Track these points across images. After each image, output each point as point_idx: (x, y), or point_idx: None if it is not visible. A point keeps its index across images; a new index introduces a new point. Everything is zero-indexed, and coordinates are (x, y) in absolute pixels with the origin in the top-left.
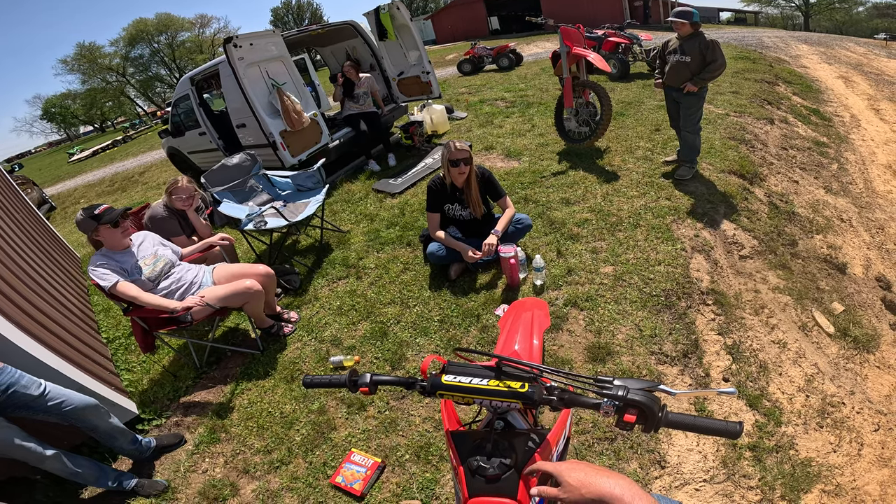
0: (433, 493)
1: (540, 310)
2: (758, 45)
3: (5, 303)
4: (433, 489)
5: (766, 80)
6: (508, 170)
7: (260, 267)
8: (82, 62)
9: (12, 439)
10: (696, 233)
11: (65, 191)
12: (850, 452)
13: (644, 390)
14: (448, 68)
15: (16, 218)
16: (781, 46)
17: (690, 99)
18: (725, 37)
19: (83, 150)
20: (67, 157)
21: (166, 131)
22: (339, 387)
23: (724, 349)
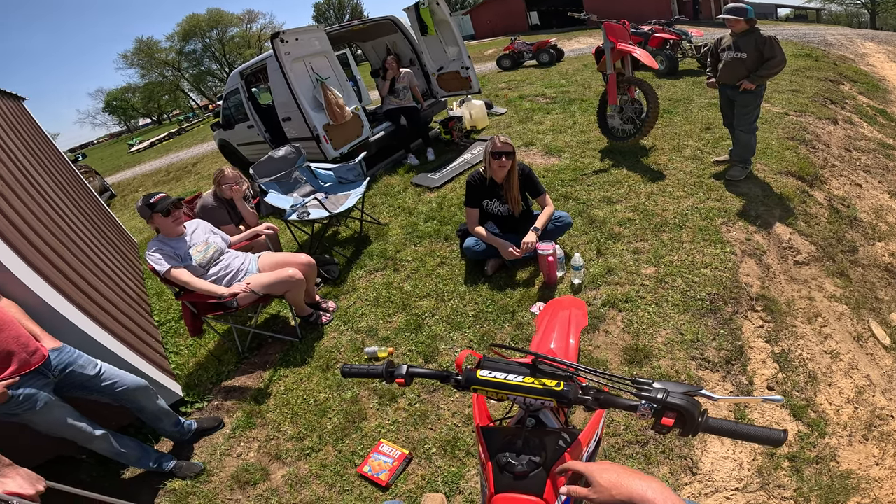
0: (457, 488)
1: (578, 309)
2: (820, 43)
3: (68, 285)
4: (457, 483)
5: (829, 79)
6: (548, 167)
7: (302, 256)
8: (141, 57)
9: (65, 418)
10: (747, 236)
11: (124, 180)
12: (893, 466)
13: (685, 394)
14: (487, 64)
15: (79, 204)
16: (846, 44)
17: (747, 97)
18: (784, 33)
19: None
20: (127, 148)
21: (218, 124)
22: (376, 377)
23: (772, 357)
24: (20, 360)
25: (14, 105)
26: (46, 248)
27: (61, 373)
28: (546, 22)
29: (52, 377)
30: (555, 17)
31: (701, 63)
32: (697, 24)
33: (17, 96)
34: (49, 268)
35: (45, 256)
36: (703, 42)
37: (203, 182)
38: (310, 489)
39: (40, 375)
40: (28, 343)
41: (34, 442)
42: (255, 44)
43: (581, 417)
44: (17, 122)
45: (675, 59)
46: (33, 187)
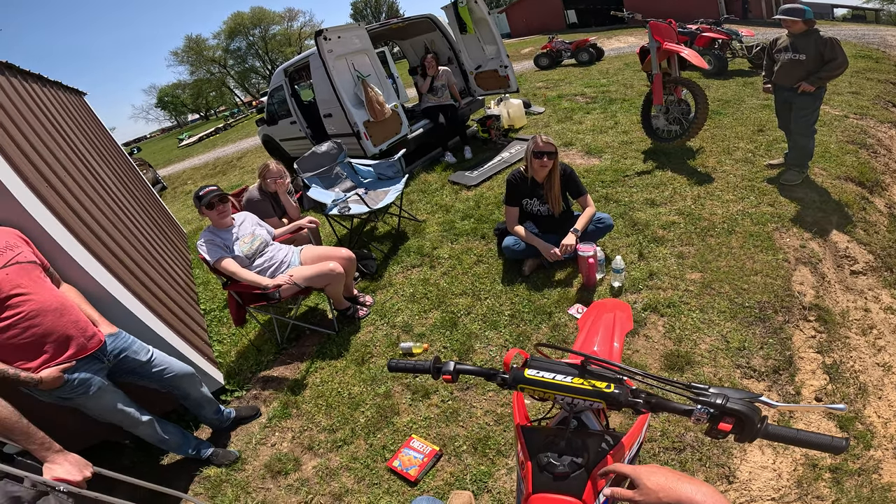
0: (485, 486)
1: (622, 312)
2: (881, 44)
3: (124, 272)
4: (486, 482)
5: (891, 81)
6: (588, 167)
7: (343, 250)
8: (190, 54)
9: (116, 403)
10: (802, 243)
11: (174, 173)
12: None
13: (744, 400)
14: (524, 62)
15: (135, 195)
16: None
17: (805, 99)
18: (843, 34)
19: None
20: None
21: (262, 119)
22: (423, 373)
23: (822, 368)
24: (78, 345)
25: (76, 100)
26: (106, 237)
27: (115, 358)
28: (584, 20)
29: (106, 362)
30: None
31: (752, 63)
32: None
33: (78, 91)
34: (108, 255)
35: (104, 244)
36: (754, 42)
37: (247, 176)
38: (339, 481)
39: (96, 360)
40: (86, 328)
41: (83, 427)
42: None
43: (616, 421)
44: (79, 116)
45: (725, 59)
46: (94, 178)
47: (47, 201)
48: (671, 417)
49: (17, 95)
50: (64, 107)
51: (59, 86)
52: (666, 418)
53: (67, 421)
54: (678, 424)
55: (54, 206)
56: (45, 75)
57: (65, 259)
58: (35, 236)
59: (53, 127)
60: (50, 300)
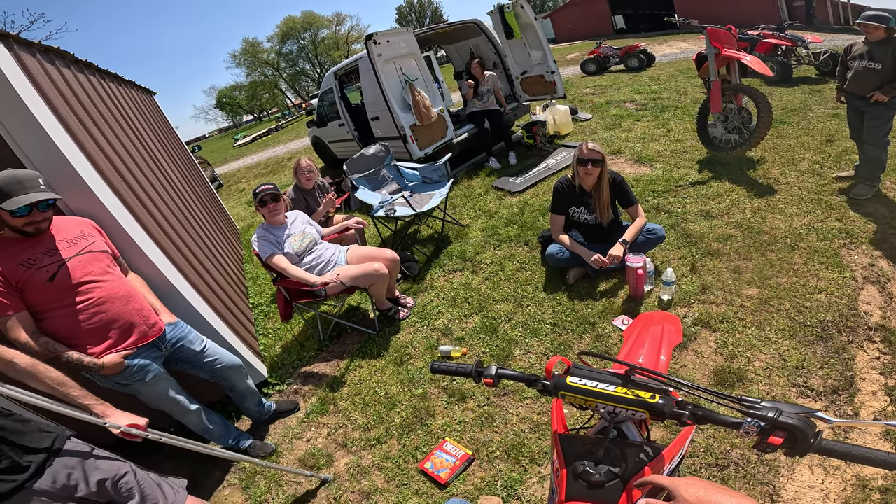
0: (515, 493)
1: (671, 324)
2: None
3: (185, 264)
4: (516, 489)
5: None
6: (638, 176)
7: (388, 252)
8: (246, 56)
9: (168, 391)
10: (871, 261)
11: (230, 171)
12: None
13: (798, 415)
14: (570, 68)
15: (197, 191)
16: None
17: (878, 109)
18: None
19: (245, 136)
20: (233, 142)
21: (313, 121)
22: (465, 376)
23: (884, 390)
24: (140, 332)
25: (147, 99)
26: (171, 230)
27: (173, 346)
28: (633, 26)
29: (164, 350)
30: (642, 20)
31: (820, 71)
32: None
33: (150, 91)
34: (171, 248)
35: (168, 237)
36: (821, 49)
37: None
38: (370, 479)
39: (154, 348)
40: (149, 316)
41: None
42: (343, 45)
43: (658, 435)
44: (150, 115)
45: (789, 66)
46: (162, 174)
47: (120, 194)
48: (717, 433)
49: (96, 93)
50: (137, 105)
51: (132, 85)
52: (711, 434)
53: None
54: (723, 441)
55: (126, 199)
56: (120, 75)
57: (133, 250)
58: (108, 227)
59: (127, 124)
60: (118, 288)
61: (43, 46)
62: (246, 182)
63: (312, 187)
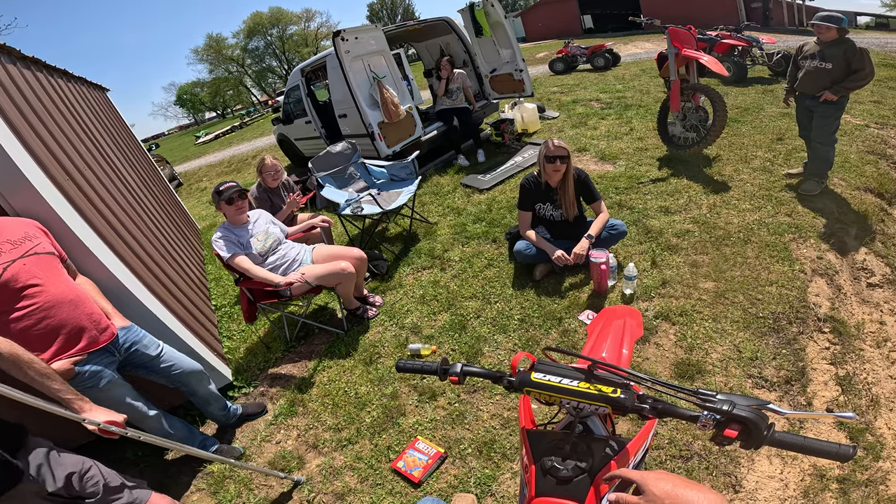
0: (489, 490)
1: (633, 318)
2: None
3: (140, 266)
4: (490, 486)
5: None
6: (602, 173)
7: (355, 250)
8: (210, 52)
9: (124, 397)
10: (819, 254)
11: (190, 169)
12: None
13: (751, 407)
14: (539, 67)
15: (153, 190)
16: None
17: (828, 108)
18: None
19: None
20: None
21: (278, 119)
22: (431, 374)
23: (834, 379)
24: (90, 337)
25: (99, 96)
26: (123, 230)
27: (126, 351)
28: (601, 25)
29: (117, 355)
30: (610, 20)
31: (773, 71)
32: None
33: (102, 87)
34: (124, 248)
35: (121, 237)
36: (775, 49)
37: None
38: (342, 480)
39: (107, 353)
40: (100, 320)
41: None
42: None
43: (624, 428)
44: (102, 112)
45: (745, 67)
46: (114, 172)
47: (67, 194)
48: (679, 426)
49: (42, 89)
50: (87, 102)
51: (83, 81)
52: (674, 426)
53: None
54: (686, 433)
55: (74, 198)
56: (70, 71)
57: (82, 251)
58: (54, 228)
59: (76, 121)
60: (65, 292)
61: None
62: (208, 181)
63: (277, 186)
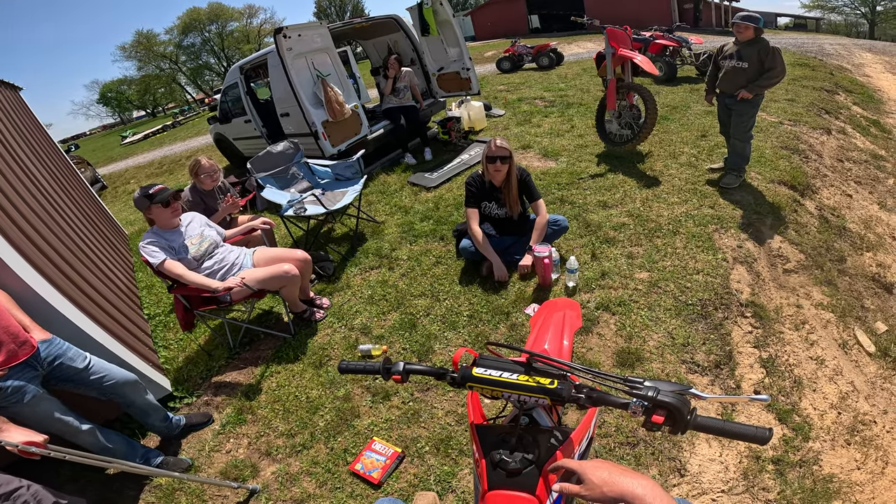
0: (450, 487)
1: (572, 310)
2: (818, 52)
3: (59, 276)
4: (450, 482)
5: (825, 89)
6: (545, 170)
7: (298, 252)
8: (139, 49)
9: (52, 412)
10: (739, 243)
11: (116, 171)
12: (874, 470)
13: (674, 392)
14: (486, 65)
15: (72, 195)
16: (844, 54)
17: (744, 106)
18: (783, 42)
19: (135, 133)
20: (120, 140)
21: (214, 118)
22: (373, 373)
23: (759, 362)
24: (8, 351)
25: (10, 94)
26: (39, 238)
27: (50, 365)
28: (547, 25)
29: (40, 369)
30: (556, 20)
31: (700, 70)
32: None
33: (13, 86)
34: (41, 258)
35: (37, 246)
36: (702, 49)
37: None
38: (300, 486)
39: (29, 367)
40: (17, 334)
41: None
42: (255, 39)
43: (573, 418)
44: (13, 112)
45: (675, 66)
46: (27, 177)
47: None
48: (624, 414)
49: None
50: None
51: None
52: (620, 414)
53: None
54: (632, 420)
55: None
56: None
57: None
58: None
59: None
60: None
61: None
62: (136, 182)
63: (213, 188)
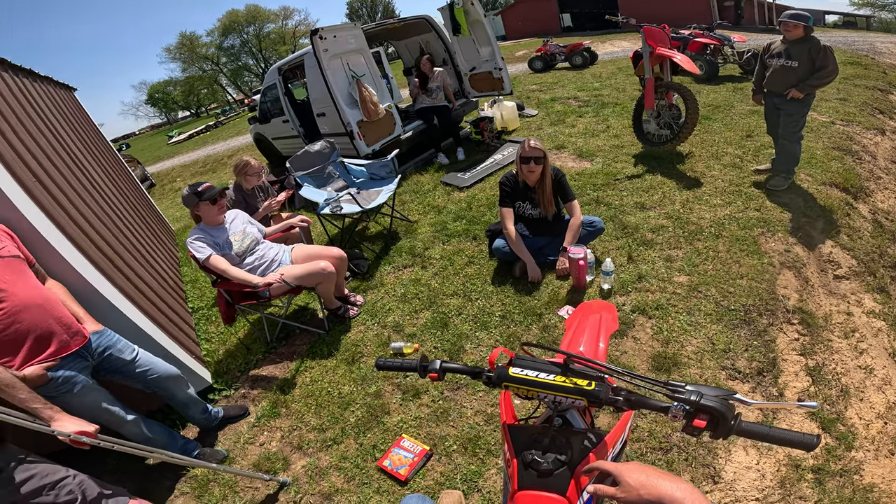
0: (475, 486)
1: (608, 313)
2: (870, 51)
3: (112, 269)
4: (476, 482)
5: (878, 88)
6: (580, 170)
7: (335, 250)
8: (183, 51)
9: (101, 403)
10: (787, 248)
11: (163, 170)
12: None
13: (718, 397)
14: (518, 65)
15: (124, 192)
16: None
17: (794, 105)
18: (833, 40)
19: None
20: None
21: (255, 118)
22: (410, 371)
23: (805, 370)
24: (60, 342)
25: (66, 95)
26: (93, 233)
27: (100, 356)
28: (579, 24)
29: (91, 360)
30: (588, 19)
31: (743, 69)
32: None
33: (68, 87)
34: (95, 251)
35: (91, 240)
36: (745, 48)
37: None
38: (329, 480)
39: (80, 358)
40: (70, 324)
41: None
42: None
43: (605, 421)
44: (69, 112)
45: (716, 65)
46: (83, 173)
47: (35, 197)
48: (658, 419)
49: (8, 90)
50: (54, 102)
51: (49, 81)
52: (653, 419)
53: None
54: (665, 425)
55: (42, 201)
56: (35, 70)
57: (52, 255)
58: (22, 231)
59: (43, 122)
60: (33, 296)
61: None
62: (182, 181)
63: (253, 188)
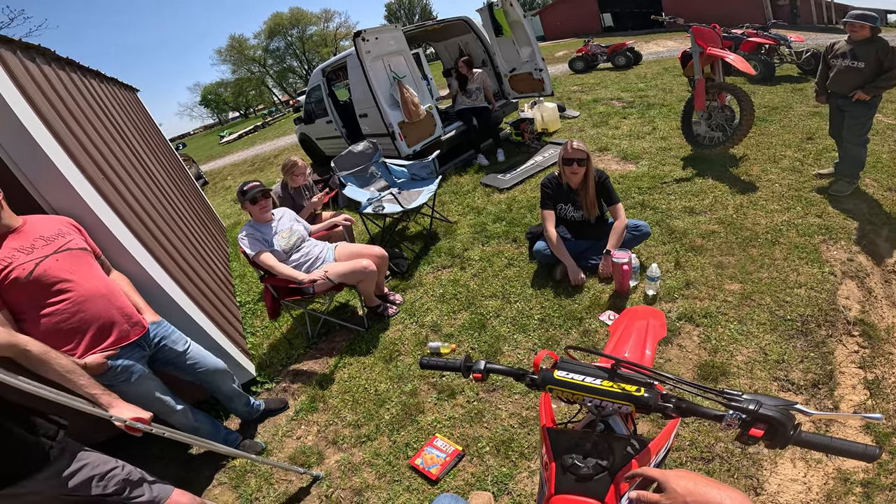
0: (506, 488)
1: (656, 319)
2: None
3: (170, 263)
4: (507, 484)
5: None
6: (624, 173)
7: (376, 248)
8: (233, 53)
9: (154, 392)
10: (850, 256)
11: (215, 168)
12: None
13: (777, 407)
14: (558, 65)
15: (181, 189)
16: None
17: (859, 108)
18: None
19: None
20: (218, 139)
21: (300, 118)
22: (454, 370)
23: (863, 383)
24: (121, 331)
25: (130, 96)
26: (154, 228)
27: (156, 346)
28: (621, 24)
29: (147, 350)
30: (630, 18)
31: (802, 69)
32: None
33: (132, 88)
34: (156, 245)
35: (152, 235)
36: (804, 47)
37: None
38: (361, 476)
39: (138, 348)
40: (131, 315)
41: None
42: (331, 42)
43: (645, 429)
44: (133, 112)
45: (772, 65)
46: (145, 171)
47: (103, 192)
48: (701, 428)
49: (77, 90)
50: (119, 102)
51: (115, 82)
52: (695, 428)
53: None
54: (708, 434)
55: (109, 197)
56: (102, 72)
57: (117, 248)
58: (90, 225)
59: (110, 121)
60: (98, 286)
61: (23, 44)
62: (232, 179)
63: (300, 186)
